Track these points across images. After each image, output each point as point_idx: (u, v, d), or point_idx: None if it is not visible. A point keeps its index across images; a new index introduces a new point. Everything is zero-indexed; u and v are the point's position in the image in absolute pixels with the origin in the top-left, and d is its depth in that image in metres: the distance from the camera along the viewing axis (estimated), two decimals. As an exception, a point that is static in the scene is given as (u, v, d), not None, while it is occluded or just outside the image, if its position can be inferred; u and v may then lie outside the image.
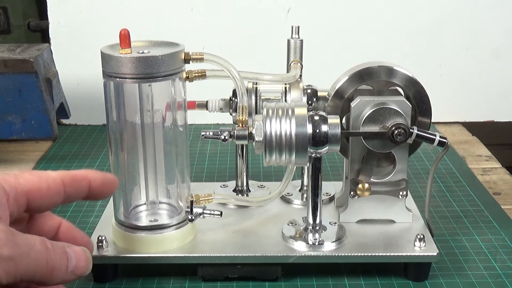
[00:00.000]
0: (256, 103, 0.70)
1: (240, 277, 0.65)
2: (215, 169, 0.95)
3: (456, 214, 0.79)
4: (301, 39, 0.71)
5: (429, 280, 0.65)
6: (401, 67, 0.67)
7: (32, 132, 1.01)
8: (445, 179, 0.90)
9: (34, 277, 0.49)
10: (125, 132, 0.64)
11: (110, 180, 0.59)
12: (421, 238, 0.64)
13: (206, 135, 0.64)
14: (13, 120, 0.93)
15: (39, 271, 0.49)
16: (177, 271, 0.66)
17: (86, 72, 1.11)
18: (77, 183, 0.55)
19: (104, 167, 0.95)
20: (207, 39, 1.10)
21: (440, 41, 1.13)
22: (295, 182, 0.78)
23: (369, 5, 1.11)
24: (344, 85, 0.68)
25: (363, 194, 0.67)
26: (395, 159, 0.67)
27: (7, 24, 1.12)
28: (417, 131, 0.64)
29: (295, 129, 0.61)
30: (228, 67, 0.63)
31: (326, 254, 0.64)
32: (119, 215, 0.66)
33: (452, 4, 1.11)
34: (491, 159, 1.00)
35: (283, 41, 0.72)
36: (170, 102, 0.63)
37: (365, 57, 0.72)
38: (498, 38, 1.13)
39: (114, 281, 0.65)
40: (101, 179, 0.57)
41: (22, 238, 0.48)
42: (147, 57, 0.59)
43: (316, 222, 0.66)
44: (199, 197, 0.67)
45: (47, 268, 0.50)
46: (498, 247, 0.71)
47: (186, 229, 0.66)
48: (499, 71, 1.15)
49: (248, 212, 0.72)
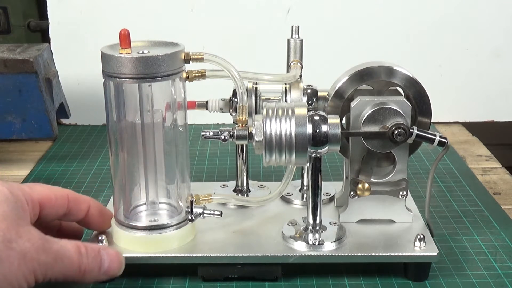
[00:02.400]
0: (256, 103, 0.70)
1: (240, 277, 0.65)
2: (215, 169, 0.95)
3: (456, 214, 0.79)
4: (301, 39, 0.71)
5: (429, 280, 0.65)
6: (401, 67, 0.67)
7: (32, 132, 1.01)
8: (445, 179, 0.90)
9: (66, 278, 0.54)
10: (125, 132, 0.64)
11: (107, 214, 0.65)
12: (421, 238, 0.64)
13: (206, 135, 0.64)
14: (13, 120, 0.93)
15: (71, 274, 0.54)
16: (177, 271, 0.66)
17: (86, 72, 1.11)
18: (79, 203, 0.62)
19: (104, 167, 0.95)
20: (207, 39, 1.10)
21: (440, 41, 1.13)
22: (295, 182, 0.78)
23: (369, 5, 1.11)
24: (344, 85, 0.68)
25: (363, 194, 0.67)
26: (395, 159, 0.67)
27: (7, 24, 1.12)
28: (417, 131, 0.64)
29: (295, 129, 0.61)
30: (228, 67, 0.63)
31: (326, 254, 0.64)
32: (119, 215, 0.66)
33: (452, 4, 1.11)
34: (491, 159, 1.00)
35: (283, 41, 0.72)
36: (170, 102, 0.63)
37: (365, 57, 0.72)
38: (498, 38, 1.13)
39: (114, 281, 0.65)
40: (100, 209, 0.64)
41: (56, 245, 0.54)
42: (147, 57, 0.59)
43: (316, 222, 0.66)
44: (199, 197, 0.67)
45: (79, 271, 0.55)
46: (498, 247, 0.71)
47: (186, 229, 0.66)
48: (499, 71, 1.15)
49: (248, 212, 0.72)
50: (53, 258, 0.53)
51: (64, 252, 0.54)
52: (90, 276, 0.56)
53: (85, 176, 0.92)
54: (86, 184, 0.90)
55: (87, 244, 0.57)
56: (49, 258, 0.52)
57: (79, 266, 0.55)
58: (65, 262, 0.54)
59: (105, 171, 0.94)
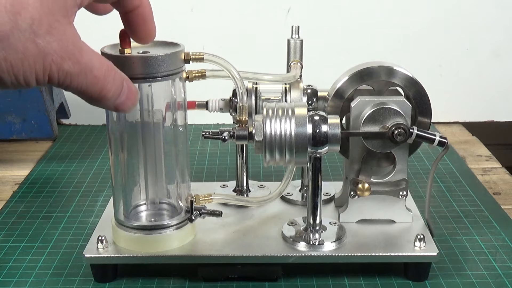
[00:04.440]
0: (256, 103, 0.70)
1: (240, 277, 0.65)
2: (215, 169, 0.95)
3: (456, 214, 0.79)
4: (301, 39, 0.71)
5: (429, 280, 0.65)
6: (401, 67, 0.67)
7: (32, 132, 1.02)
8: (445, 179, 0.90)
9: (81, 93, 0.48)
10: (125, 132, 0.64)
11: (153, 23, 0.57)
12: (421, 238, 0.64)
13: (206, 135, 0.64)
14: (13, 120, 0.93)
15: (88, 92, 0.48)
16: (177, 271, 0.66)
17: (86, 72, 1.11)
18: None
19: (104, 167, 0.95)
20: (207, 39, 1.10)
21: (440, 41, 1.13)
22: (295, 182, 0.78)
23: (369, 5, 1.11)
24: (344, 85, 0.68)
25: (363, 194, 0.67)
26: (395, 159, 0.67)
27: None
28: (417, 131, 0.64)
29: (295, 129, 0.61)
30: (228, 67, 0.63)
31: (326, 254, 0.64)
32: (119, 215, 0.66)
33: (452, 4, 1.11)
34: (491, 159, 1.00)
35: (283, 41, 0.72)
36: (170, 102, 0.63)
37: (365, 57, 0.72)
38: (498, 38, 1.13)
39: (114, 281, 0.65)
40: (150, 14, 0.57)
41: (87, 56, 0.47)
42: (147, 57, 0.59)
43: (316, 222, 0.66)
44: (199, 197, 0.67)
45: (99, 94, 0.49)
46: (498, 247, 0.71)
47: (186, 229, 0.66)
48: (499, 71, 1.15)
49: (248, 212, 0.72)
50: (77, 70, 0.46)
51: (92, 69, 0.47)
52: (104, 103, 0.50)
53: (85, 176, 0.92)
54: (86, 184, 0.90)
55: (116, 69, 0.51)
56: (73, 68, 0.46)
57: (101, 89, 0.49)
58: (88, 79, 0.47)
59: (105, 171, 0.94)
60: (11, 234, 0.75)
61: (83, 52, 0.47)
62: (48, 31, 0.44)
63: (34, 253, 0.71)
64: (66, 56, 0.45)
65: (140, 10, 0.55)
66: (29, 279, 0.66)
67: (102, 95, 0.49)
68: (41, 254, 0.71)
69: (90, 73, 0.47)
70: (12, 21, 0.42)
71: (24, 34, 0.43)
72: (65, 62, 0.45)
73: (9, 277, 0.66)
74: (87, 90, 0.48)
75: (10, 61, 0.43)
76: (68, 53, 0.45)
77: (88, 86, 0.48)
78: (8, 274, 0.67)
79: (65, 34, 0.46)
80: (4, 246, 0.73)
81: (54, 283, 0.65)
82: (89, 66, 0.47)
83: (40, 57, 0.44)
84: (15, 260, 0.70)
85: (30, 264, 0.69)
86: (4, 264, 0.69)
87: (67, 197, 0.86)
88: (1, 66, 0.43)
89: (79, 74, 0.46)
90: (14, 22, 0.42)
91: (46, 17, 0.44)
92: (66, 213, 0.81)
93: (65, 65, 0.45)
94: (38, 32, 0.44)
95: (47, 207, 0.82)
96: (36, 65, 0.44)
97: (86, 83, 0.47)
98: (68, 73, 0.46)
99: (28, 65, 0.44)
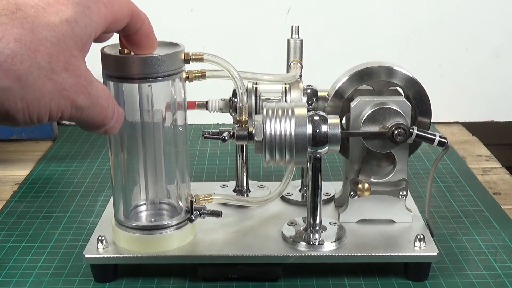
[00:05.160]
0: (256, 103, 0.70)
1: (240, 277, 0.65)
2: (215, 169, 0.95)
3: (456, 214, 0.79)
4: (301, 39, 0.71)
5: (429, 280, 0.65)
6: (401, 67, 0.67)
7: (32, 132, 1.02)
8: (445, 179, 0.90)
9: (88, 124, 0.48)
10: (125, 132, 0.64)
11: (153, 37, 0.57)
12: (421, 238, 0.64)
13: (206, 135, 0.64)
14: (13, 120, 0.93)
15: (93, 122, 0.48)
16: (177, 271, 0.66)
17: (86, 72, 1.11)
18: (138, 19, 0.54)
19: (104, 167, 0.95)
20: (207, 39, 1.10)
21: (440, 41, 1.13)
22: (295, 182, 0.78)
23: (369, 5, 1.11)
24: (344, 85, 0.68)
25: (363, 194, 0.67)
26: (395, 159, 0.67)
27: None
28: (417, 131, 0.64)
29: (295, 129, 0.61)
30: (228, 67, 0.63)
31: (326, 254, 0.64)
32: (119, 215, 0.66)
33: (452, 4, 1.11)
34: (491, 159, 1.00)
35: (283, 41, 0.72)
36: (170, 102, 0.63)
37: (365, 57, 0.72)
38: (498, 38, 1.13)
39: (114, 281, 0.65)
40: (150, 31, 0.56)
41: (95, 88, 0.47)
42: (147, 57, 0.59)
43: (316, 222, 0.66)
44: (199, 197, 0.67)
45: (101, 123, 0.49)
46: (498, 247, 0.71)
47: (186, 229, 0.66)
48: (499, 71, 1.15)
49: (248, 212, 0.72)
50: (88, 103, 0.46)
51: (99, 99, 0.47)
52: (100, 129, 0.50)
53: (85, 176, 0.92)
54: (86, 184, 0.90)
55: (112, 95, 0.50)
56: (85, 102, 0.46)
57: (104, 118, 0.49)
58: (96, 110, 0.47)
59: (105, 171, 0.94)
60: (11, 234, 0.75)
61: (93, 84, 0.47)
62: (65, 67, 0.44)
63: (34, 253, 0.71)
64: (80, 90, 0.45)
65: (143, 29, 0.55)
66: (29, 279, 0.66)
67: (103, 123, 0.49)
68: (41, 254, 0.71)
69: (97, 103, 0.47)
70: (31, 59, 0.41)
71: (42, 71, 0.42)
72: (79, 97, 0.45)
73: (9, 277, 0.66)
74: (92, 120, 0.48)
75: (27, 100, 0.42)
76: (81, 88, 0.45)
77: (94, 117, 0.48)
78: (8, 274, 0.67)
79: (80, 68, 0.45)
80: (4, 246, 0.73)
81: (54, 283, 0.65)
82: (97, 97, 0.47)
83: (56, 94, 0.43)
84: (15, 260, 0.70)
85: (30, 264, 0.69)
86: (4, 264, 0.69)
87: (67, 197, 0.86)
88: (17, 106, 0.42)
89: (89, 106, 0.46)
90: (34, 60, 0.42)
91: (63, 52, 0.44)
92: (66, 213, 0.81)
93: (78, 100, 0.45)
94: (56, 69, 0.43)
95: (47, 207, 0.82)
96: (52, 102, 0.43)
97: (93, 114, 0.47)
98: (80, 107, 0.46)
99: (44, 104, 0.43)
